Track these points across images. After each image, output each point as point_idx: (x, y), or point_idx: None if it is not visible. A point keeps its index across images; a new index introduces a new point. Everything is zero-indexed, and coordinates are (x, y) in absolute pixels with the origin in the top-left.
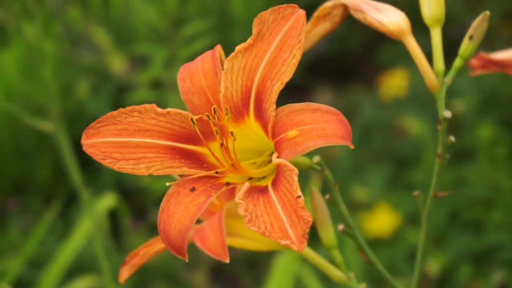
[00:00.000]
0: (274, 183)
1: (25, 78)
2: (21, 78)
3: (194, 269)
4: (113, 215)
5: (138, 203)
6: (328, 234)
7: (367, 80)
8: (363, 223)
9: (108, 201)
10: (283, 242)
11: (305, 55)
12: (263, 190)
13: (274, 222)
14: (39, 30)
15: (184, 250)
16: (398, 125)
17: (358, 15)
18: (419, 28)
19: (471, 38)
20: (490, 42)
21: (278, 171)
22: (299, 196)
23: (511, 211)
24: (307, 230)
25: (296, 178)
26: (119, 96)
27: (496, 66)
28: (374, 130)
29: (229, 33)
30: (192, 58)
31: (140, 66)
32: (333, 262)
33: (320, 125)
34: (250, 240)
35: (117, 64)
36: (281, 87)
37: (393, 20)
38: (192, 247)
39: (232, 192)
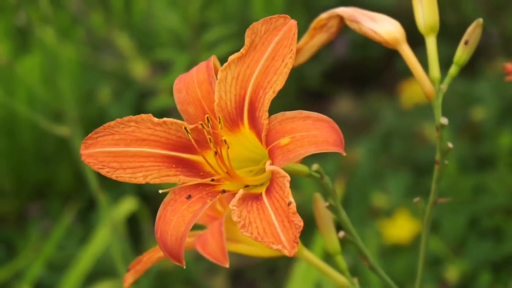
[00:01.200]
0: (268, 190)
1: (46, 84)
2: (42, 84)
3: (213, 274)
4: (133, 220)
5: (158, 207)
6: (331, 240)
7: (387, 88)
8: (383, 229)
9: (128, 205)
10: (275, 246)
11: (324, 61)
12: (258, 197)
13: (266, 228)
14: (58, 36)
15: (181, 257)
16: (418, 132)
17: (353, 26)
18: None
19: (466, 43)
20: (510, 50)
21: (272, 178)
22: (290, 202)
23: None
24: (298, 235)
25: (287, 184)
26: (140, 101)
27: None
28: (394, 137)
29: None
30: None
31: (161, 71)
32: (337, 268)
33: (311, 132)
34: (251, 245)
35: (139, 69)
36: (273, 95)
37: (387, 29)
38: None
39: (233, 197)
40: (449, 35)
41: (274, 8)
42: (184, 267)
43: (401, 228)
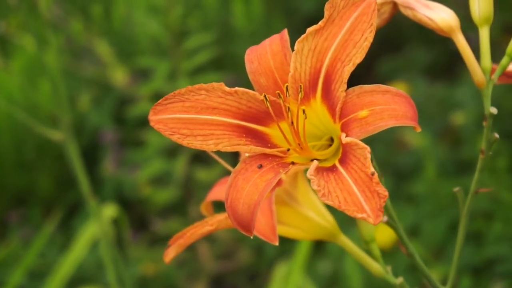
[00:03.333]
0: (343, 162)
1: (29, 89)
2: (23, 90)
3: (194, 280)
4: (114, 227)
5: (139, 214)
6: (367, 227)
7: None
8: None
9: (109, 211)
10: (359, 215)
11: None
12: (331, 169)
13: (347, 197)
14: (38, 43)
15: (252, 226)
16: (399, 137)
17: (407, 12)
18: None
19: None
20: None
21: (346, 150)
22: (373, 172)
23: (511, 223)
24: (383, 204)
25: (369, 155)
26: (120, 108)
27: (507, 77)
28: (375, 142)
29: (231, 46)
30: (194, 71)
31: (142, 78)
32: (371, 255)
33: (391, 106)
34: (295, 228)
35: (119, 76)
36: (353, 68)
37: (443, 17)
38: (193, 258)
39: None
40: (428, 39)
41: (253, 15)
42: (252, 237)
43: (382, 233)
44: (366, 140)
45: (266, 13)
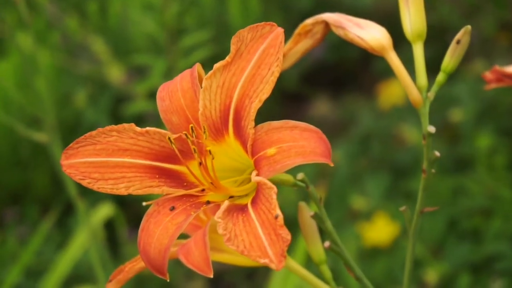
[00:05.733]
0: (254, 202)
1: (21, 89)
2: (17, 89)
3: (192, 278)
4: (110, 225)
5: (135, 212)
6: (316, 249)
7: (365, 89)
8: (362, 232)
9: (105, 211)
10: (262, 260)
11: (302, 63)
12: (243, 209)
13: (253, 241)
14: (34, 41)
15: (165, 270)
16: (396, 134)
17: (339, 32)
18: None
19: (458, 42)
20: (488, 52)
21: (258, 189)
22: (277, 215)
23: (510, 220)
24: (286, 249)
25: (275, 196)
26: (117, 106)
27: (511, 79)
28: (372, 139)
29: (227, 44)
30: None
31: (138, 76)
32: (322, 277)
33: (299, 143)
34: (235, 255)
35: (115, 74)
36: (260, 104)
37: (374, 36)
38: None
39: (218, 207)
40: (426, 36)
41: (250, 12)
42: (168, 280)
43: (380, 231)
44: (363, 137)
45: (263, 10)
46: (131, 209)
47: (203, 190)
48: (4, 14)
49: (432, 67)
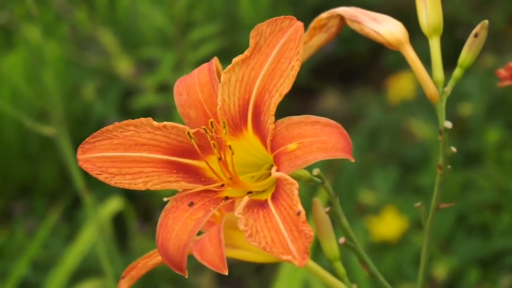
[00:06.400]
0: (274, 197)
1: (29, 82)
2: (26, 81)
3: (199, 272)
4: (119, 218)
5: (145, 205)
6: (331, 246)
7: (374, 83)
8: (370, 226)
9: (114, 204)
10: (285, 257)
11: (311, 57)
12: (263, 204)
13: (275, 237)
14: (42, 33)
15: (184, 266)
16: (405, 128)
17: (355, 26)
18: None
19: (476, 36)
20: (498, 46)
21: (278, 184)
22: (299, 211)
23: None
24: (309, 245)
25: (296, 192)
26: (125, 99)
27: None
28: (381, 133)
29: (237, 37)
30: (200, 62)
31: (147, 69)
32: (336, 274)
33: (320, 138)
34: (251, 251)
35: (124, 66)
36: (280, 99)
37: (390, 30)
38: None
39: (232, 203)
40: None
41: (260, 6)
42: (186, 276)
43: (388, 225)
44: (372, 131)
45: (272, 3)
46: (140, 203)
47: (221, 185)
48: (12, 6)
49: (441, 61)
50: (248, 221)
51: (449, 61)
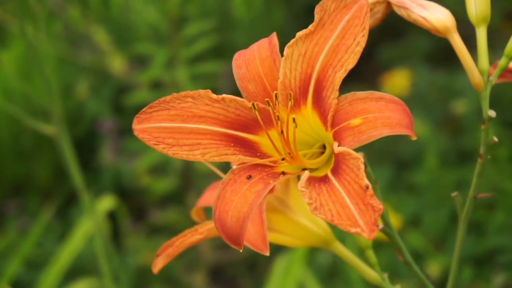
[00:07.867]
0: (336, 172)
1: (25, 79)
2: (20, 79)
3: (193, 271)
4: (112, 216)
5: (137, 204)
6: None
7: (368, 80)
8: None
9: (107, 202)
10: (353, 230)
11: None
12: (324, 179)
13: (340, 211)
14: (38, 30)
15: (241, 240)
16: None
17: (402, 12)
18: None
19: None
20: (493, 42)
21: (339, 160)
22: (367, 185)
23: None
24: (378, 218)
25: (362, 166)
26: (119, 96)
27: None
28: None
29: (230, 34)
30: (193, 58)
31: (140, 66)
32: (367, 262)
33: (385, 114)
34: (287, 236)
35: (117, 64)
36: (345, 74)
37: (438, 17)
38: (191, 249)
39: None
40: None
41: (253, 2)
42: (241, 251)
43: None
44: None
45: (265, 0)
46: (132, 201)
47: (276, 161)
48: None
49: (433, 59)
50: (311, 194)
51: (446, 58)
